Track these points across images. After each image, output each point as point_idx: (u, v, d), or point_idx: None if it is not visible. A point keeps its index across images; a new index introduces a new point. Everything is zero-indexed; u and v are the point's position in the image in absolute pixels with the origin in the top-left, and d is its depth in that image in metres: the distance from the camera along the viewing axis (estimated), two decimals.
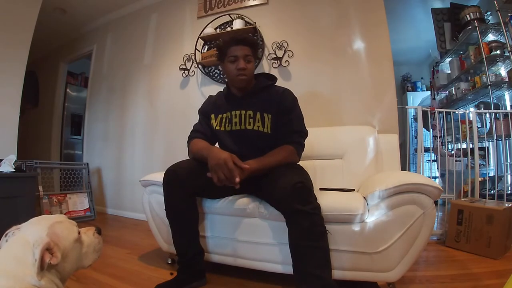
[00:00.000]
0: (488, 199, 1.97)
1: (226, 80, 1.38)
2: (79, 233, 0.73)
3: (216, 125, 1.36)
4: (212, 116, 1.38)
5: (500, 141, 2.44)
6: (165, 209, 1.21)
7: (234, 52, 1.26)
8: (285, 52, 2.26)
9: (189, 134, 1.40)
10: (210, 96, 1.49)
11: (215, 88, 2.52)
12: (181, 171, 1.17)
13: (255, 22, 2.35)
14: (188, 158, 1.33)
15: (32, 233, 0.63)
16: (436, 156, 3.22)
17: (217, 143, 1.42)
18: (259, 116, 1.28)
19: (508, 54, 2.49)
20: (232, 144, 1.31)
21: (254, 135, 1.28)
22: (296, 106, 1.32)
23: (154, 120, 2.84)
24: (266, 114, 1.28)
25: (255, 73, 1.39)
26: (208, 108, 1.42)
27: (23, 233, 0.63)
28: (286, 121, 1.27)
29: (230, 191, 1.26)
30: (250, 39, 1.33)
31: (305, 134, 1.31)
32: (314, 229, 0.99)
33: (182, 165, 1.21)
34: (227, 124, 1.33)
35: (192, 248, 1.22)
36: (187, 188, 1.18)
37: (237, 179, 1.06)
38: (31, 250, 0.59)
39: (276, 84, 1.39)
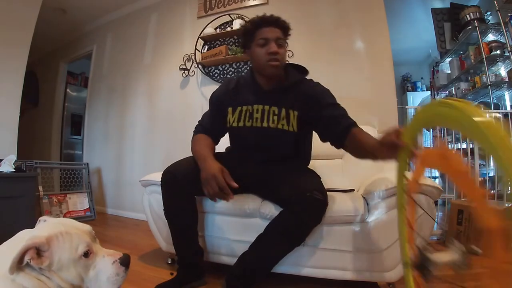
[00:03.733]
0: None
1: (251, 65, 1.23)
2: (87, 253, 0.64)
3: (233, 121, 1.22)
4: (230, 110, 1.22)
5: None
6: (163, 210, 1.21)
7: (264, 34, 1.12)
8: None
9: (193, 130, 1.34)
10: (227, 81, 1.31)
11: (215, 88, 2.51)
12: (179, 172, 1.15)
13: None
14: (190, 154, 1.27)
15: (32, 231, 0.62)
16: None
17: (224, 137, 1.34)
18: (284, 113, 1.16)
19: (508, 54, 2.48)
20: (252, 141, 1.22)
21: (277, 134, 1.17)
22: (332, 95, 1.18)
23: (154, 120, 2.84)
24: (291, 111, 1.16)
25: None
26: (225, 99, 1.25)
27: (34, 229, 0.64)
28: (333, 112, 1.12)
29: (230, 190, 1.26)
30: (283, 21, 1.17)
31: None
32: (294, 231, 1.02)
33: (181, 165, 1.19)
34: (247, 119, 1.19)
35: (191, 248, 1.21)
36: (185, 189, 1.16)
37: (231, 196, 1.04)
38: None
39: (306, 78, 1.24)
